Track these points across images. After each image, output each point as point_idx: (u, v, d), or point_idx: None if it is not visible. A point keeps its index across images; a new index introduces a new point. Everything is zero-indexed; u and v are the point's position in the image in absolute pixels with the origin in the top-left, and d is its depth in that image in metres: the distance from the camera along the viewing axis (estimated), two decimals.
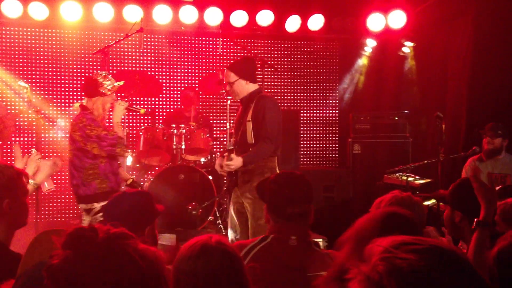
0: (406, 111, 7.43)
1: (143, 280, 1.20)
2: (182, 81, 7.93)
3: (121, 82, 4.63)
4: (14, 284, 1.63)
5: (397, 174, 6.06)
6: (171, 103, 7.87)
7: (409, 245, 1.02)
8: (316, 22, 7.40)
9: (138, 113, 4.71)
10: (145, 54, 7.58)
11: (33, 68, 7.34)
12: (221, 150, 6.85)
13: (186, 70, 7.97)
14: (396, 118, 7.33)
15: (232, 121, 5.56)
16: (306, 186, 2.75)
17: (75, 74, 7.41)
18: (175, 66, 7.91)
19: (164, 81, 7.75)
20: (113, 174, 4.49)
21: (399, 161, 6.62)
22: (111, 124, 4.59)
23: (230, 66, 4.56)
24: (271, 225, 2.72)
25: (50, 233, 2.03)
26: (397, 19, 7.36)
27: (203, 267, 1.78)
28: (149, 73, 7.50)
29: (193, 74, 7.96)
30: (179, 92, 7.82)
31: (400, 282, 0.96)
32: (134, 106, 4.67)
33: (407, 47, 7.61)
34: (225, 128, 6.78)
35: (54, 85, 7.43)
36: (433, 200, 5.19)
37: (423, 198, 3.39)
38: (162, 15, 6.88)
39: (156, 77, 7.51)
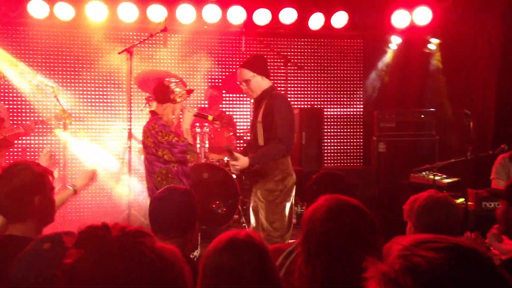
0: (432, 109, 7.33)
1: (159, 280, 1.16)
2: (206, 80, 7.95)
3: (192, 89, 4.65)
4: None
5: (424, 173, 5.98)
6: (195, 101, 7.89)
7: (428, 243, 1.00)
8: (340, 19, 7.34)
9: (206, 119, 4.68)
10: (169, 53, 7.60)
11: (60, 68, 7.43)
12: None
13: (209, 69, 7.98)
14: (422, 116, 7.23)
15: None
16: (348, 187, 2.69)
17: (101, 74, 7.48)
18: (199, 65, 7.93)
19: (188, 80, 7.77)
20: (185, 177, 4.48)
21: (424, 159, 6.54)
22: (181, 129, 4.61)
23: (243, 64, 4.46)
24: None
25: None
26: (423, 15, 7.26)
27: (228, 260, 1.74)
28: (173, 72, 7.52)
29: (217, 73, 7.97)
30: (202, 91, 7.83)
31: (417, 280, 0.94)
32: (202, 113, 4.64)
33: (433, 44, 7.51)
34: (248, 127, 6.77)
35: (81, 85, 7.52)
36: (462, 199, 5.11)
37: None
38: (185, 14, 6.91)
39: (181, 76, 7.53)
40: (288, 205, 4.34)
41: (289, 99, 7.93)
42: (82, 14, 6.73)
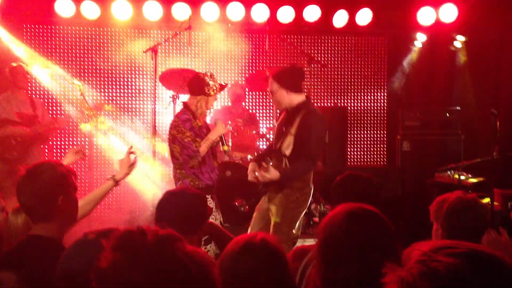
0: (457, 107, 7.24)
1: (192, 283, 1.18)
2: (230, 78, 7.97)
3: (225, 85, 4.69)
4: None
5: (449, 172, 5.91)
6: (219, 100, 7.91)
7: (447, 249, 1.00)
8: (364, 16, 7.29)
9: (222, 147, 4.70)
10: (193, 51, 7.64)
11: (86, 66, 7.53)
12: (264, 148, 6.85)
13: (233, 67, 8.00)
14: (447, 114, 7.14)
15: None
16: (374, 189, 2.67)
17: (126, 72, 7.56)
18: (222, 63, 7.96)
19: None
20: (202, 173, 4.52)
21: (450, 159, 6.46)
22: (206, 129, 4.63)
23: (274, 75, 4.39)
24: None
25: None
26: (448, 12, 7.16)
27: (243, 264, 1.74)
28: (197, 70, 7.57)
29: (240, 71, 7.98)
30: (226, 89, 7.85)
31: (434, 285, 0.94)
32: (223, 139, 4.66)
33: (459, 42, 7.41)
34: (272, 125, 6.78)
35: (106, 83, 7.61)
36: (487, 199, 5.04)
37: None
38: (209, 12, 6.93)
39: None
40: (300, 213, 4.32)
41: (312, 97, 7.98)
42: (107, 12, 6.81)
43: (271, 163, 4.25)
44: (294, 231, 4.28)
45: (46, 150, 7.17)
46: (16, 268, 2.08)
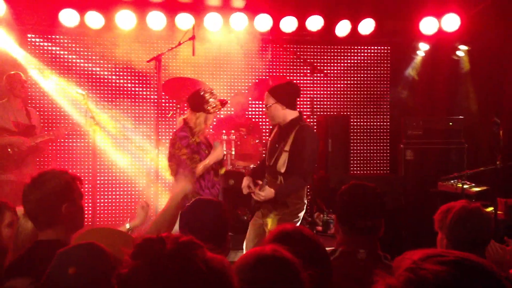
0: (460, 116, 7.24)
1: None
2: (233, 87, 8.00)
3: (226, 101, 4.71)
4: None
5: (452, 181, 5.90)
6: (222, 109, 7.93)
7: (436, 257, 1.02)
8: (367, 26, 7.32)
9: (220, 166, 4.72)
10: (196, 60, 7.66)
11: (89, 76, 7.56)
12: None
13: (236, 76, 8.03)
14: (450, 123, 7.14)
15: None
16: (379, 199, 2.67)
17: (130, 81, 7.60)
18: (225, 72, 7.99)
19: (214, 87, 7.83)
20: (202, 189, 4.53)
21: (453, 168, 6.47)
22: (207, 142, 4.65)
23: (270, 89, 4.45)
24: (340, 236, 2.68)
25: (93, 231, 2.10)
26: (451, 22, 7.19)
27: (255, 277, 1.69)
28: (200, 79, 7.60)
29: (243, 80, 8.01)
30: (229, 98, 7.88)
31: None
32: (220, 161, 4.69)
33: (462, 51, 7.43)
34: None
35: (110, 92, 7.64)
36: (491, 208, 5.04)
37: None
38: (213, 22, 6.98)
39: (207, 83, 7.60)
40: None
41: (315, 106, 8.00)
42: (111, 22, 6.86)
43: (266, 181, 4.27)
44: None
45: (50, 158, 7.21)
46: (28, 273, 2.13)
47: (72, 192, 2.48)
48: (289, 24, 7.20)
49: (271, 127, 4.82)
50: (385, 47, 8.42)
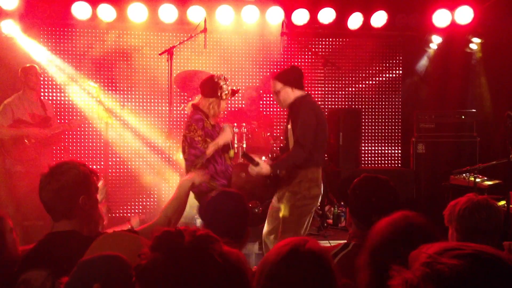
0: (473, 110, 7.20)
1: (226, 283, 1.24)
2: (244, 80, 8.00)
3: (237, 90, 4.73)
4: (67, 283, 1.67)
5: (464, 174, 5.88)
6: (233, 102, 7.95)
7: (452, 251, 1.01)
8: (379, 18, 7.27)
9: (229, 151, 4.75)
10: (208, 53, 7.68)
11: (102, 68, 7.60)
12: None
13: (248, 69, 8.03)
14: (463, 116, 7.11)
15: None
16: (394, 193, 2.66)
17: (142, 73, 7.63)
18: (237, 65, 7.99)
19: None
20: (217, 173, 4.58)
21: (465, 161, 6.44)
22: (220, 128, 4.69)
23: (275, 76, 4.51)
24: (353, 230, 2.68)
25: (111, 238, 2.08)
26: (464, 14, 7.12)
27: (287, 274, 1.60)
28: (211, 72, 7.61)
29: (255, 73, 8.01)
30: (241, 91, 7.88)
31: (439, 287, 0.95)
32: (230, 144, 4.71)
33: (475, 44, 7.36)
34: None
35: (122, 84, 7.68)
36: (503, 202, 5.01)
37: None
38: (224, 15, 6.97)
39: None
40: (307, 212, 4.35)
41: (327, 99, 7.98)
42: (123, 15, 6.87)
43: (263, 158, 4.28)
44: (302, 230, 4.30)
45: (62, 150, 7.27)
46: (44, 265, 2.13)
47: (90, 185, 2.48)
48: (301, 16, 7.16)
49: (284, 121, 4.84)
50: (398, 40, 8.37)
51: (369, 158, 8.45)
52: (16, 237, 2.97)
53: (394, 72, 8.45)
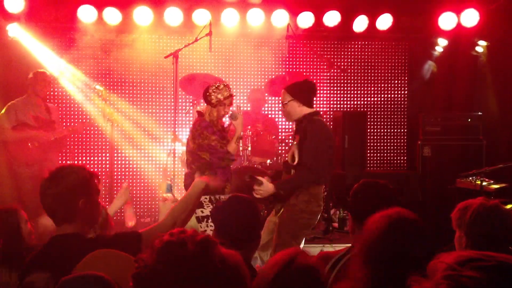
0: (479, 113, 7.16)
1: (225, 285, 1.24)
2: (249, 83, 7.99)
3: (233, 95, 4.75)
4: None
5: (470, 178, 5.84)
6: (238, 105, 7.93)
7: (476, 262, 0.97)
8: (385, 21, 7.26)
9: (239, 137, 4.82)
10: (213, 56, 7.68)
11: (107, 71, 7.60)
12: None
13: (253, 72, 8.03)
14: (469, 119, 7.07)
15: None
16: (392, 195, 2.65)
17: (147, 77, 7.64)
18: (242, 68, 7.99)
19: (231, 83, 7.84)
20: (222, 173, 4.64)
21: (471, 164, 6.39)
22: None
23: (287, 87, 4.47)
24: (356, 235, 2.67)
25: (98, 257, 2.07)
26: (470, 17, 7.10)
27: (280, 285, 1.64)
28: (217, 75, 7.61)
29: (260, 76, 8.01)
30: (246, 94, 7.88)
31: None
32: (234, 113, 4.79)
33: (481, 46, 7.33)
34: (291, 130, 6.77)
35: (128, 87, 7.69)
36: (510, 206, 4.97)
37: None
38: (230, 18, 6.98)
39: (224, 79, 7.61)
40: (304, 226, 4.30)
41: (332, 102, 7.96)
42: (129, 18, 6.89)
43: (265, 178, 4.26)
44: (294, 242, 4.22)
45: (68, 154, 7.28)
46: (46, 267, 2.15)
47: (89, 188, 2.49)
48: (306, 19, 7.16)
49: (289, 124, 4.83)
50: (403, 43, 8.34)
51: (375, 161, 8.42)
52: (32, 228, 3.05)
53: (399, 74, 8.42)
